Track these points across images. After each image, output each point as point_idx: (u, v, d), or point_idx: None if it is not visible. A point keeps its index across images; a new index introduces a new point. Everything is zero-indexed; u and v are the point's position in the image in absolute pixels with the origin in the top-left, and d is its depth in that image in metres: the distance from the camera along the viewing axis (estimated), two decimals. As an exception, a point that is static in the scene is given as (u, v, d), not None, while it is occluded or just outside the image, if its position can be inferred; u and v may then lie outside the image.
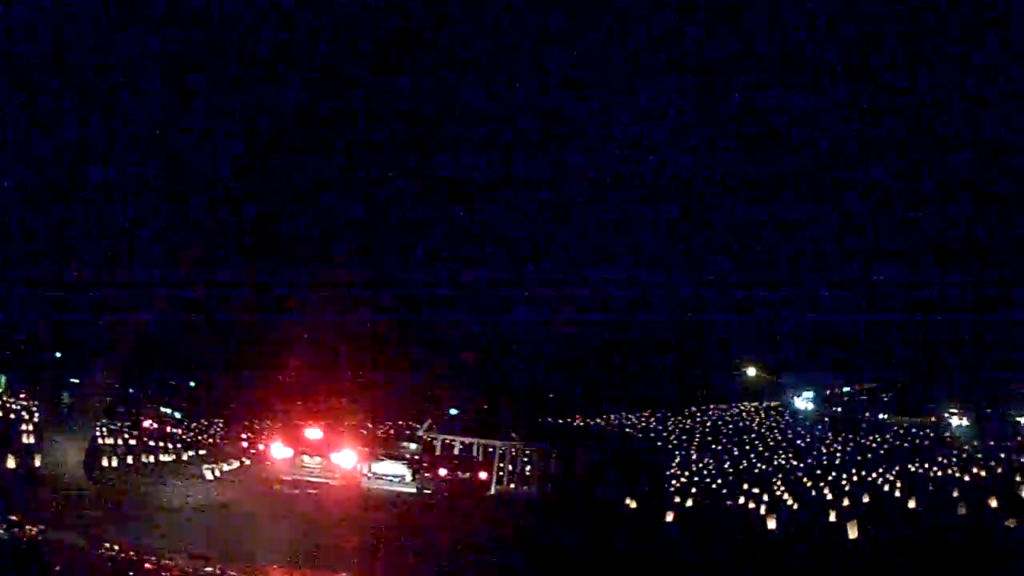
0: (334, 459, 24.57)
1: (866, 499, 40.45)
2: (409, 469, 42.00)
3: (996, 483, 43.39)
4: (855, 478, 64.48)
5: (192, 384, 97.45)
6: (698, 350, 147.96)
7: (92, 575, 4.01)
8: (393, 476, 40.54)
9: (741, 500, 47.85)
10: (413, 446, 52.87)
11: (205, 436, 76.37)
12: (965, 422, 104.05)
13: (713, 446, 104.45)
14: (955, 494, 37.70)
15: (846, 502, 39.66)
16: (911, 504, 34.87)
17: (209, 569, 4.38)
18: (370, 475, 36.98)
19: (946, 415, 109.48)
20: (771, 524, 28.16)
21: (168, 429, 70.89)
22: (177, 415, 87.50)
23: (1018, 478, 42.29)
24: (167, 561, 4.47)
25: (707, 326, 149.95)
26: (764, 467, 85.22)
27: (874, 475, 65.07)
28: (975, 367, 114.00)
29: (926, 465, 70.34)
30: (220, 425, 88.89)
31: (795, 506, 39.56)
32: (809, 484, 61.97)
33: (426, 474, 38.48)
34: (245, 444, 63.36)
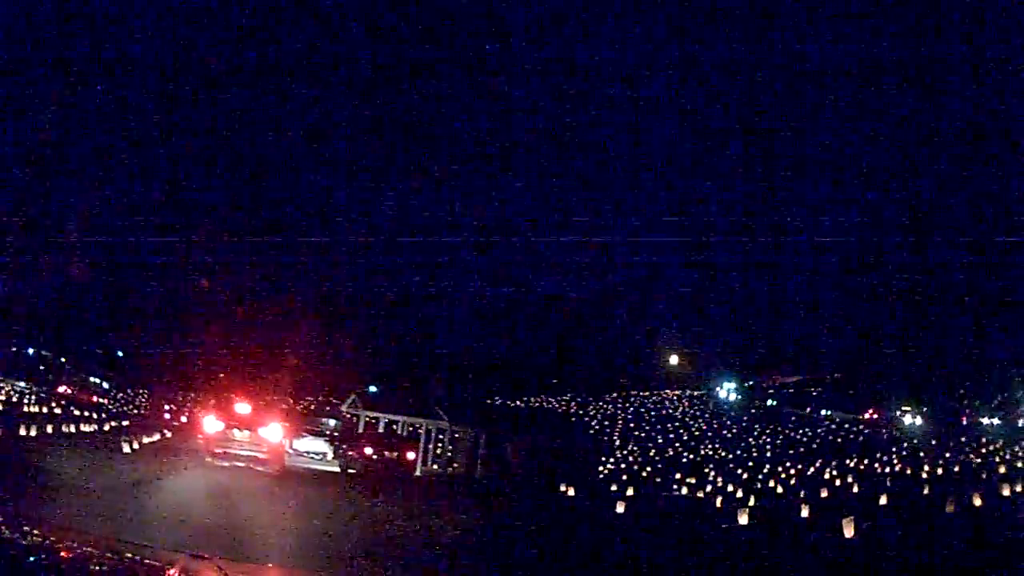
0: (262, 433, 24.45)
1: (824, 493, 37.54)
2: (331, 446, 40.54)
3: (961, 480, 40.90)
4: (792, 471, 62.04)
5: (120, 354, 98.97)
6: (620, 336, 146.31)
7: None
8: (315, 453, 39.34)
9: (684, 490, 44.79)
10: (333, 422, 51.04)
11: (130, 406, 76.57)
12: (919, 420, 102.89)
13: (636, 433, 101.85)
14: (925, 491, 34.97)
15: (802, 494, 36.67)
16: (882, 500, 31.91)
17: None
18: (292, 451, 35.17)
19: (898, 413, 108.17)
20: (742, 519, 24.85)
21: (95, 398, 73.01)
22: (105, 385, 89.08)
23: (984, 475, 39.99)
24: (89, 549, 4.22)
25: (630, 312, 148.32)
26: (692, 456, 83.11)
27: (812, 469, 62.68)
28: (927, 365, 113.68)
29: (866, 461, 68.27)
30: (145, 396, 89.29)
31: (751, 499, 36.34)
32: (746, 476, 59.39)
33: (350, 452, 36.12)
34: (168, 416, 62.86)
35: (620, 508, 27.51)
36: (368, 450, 35.78)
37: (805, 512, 26.99)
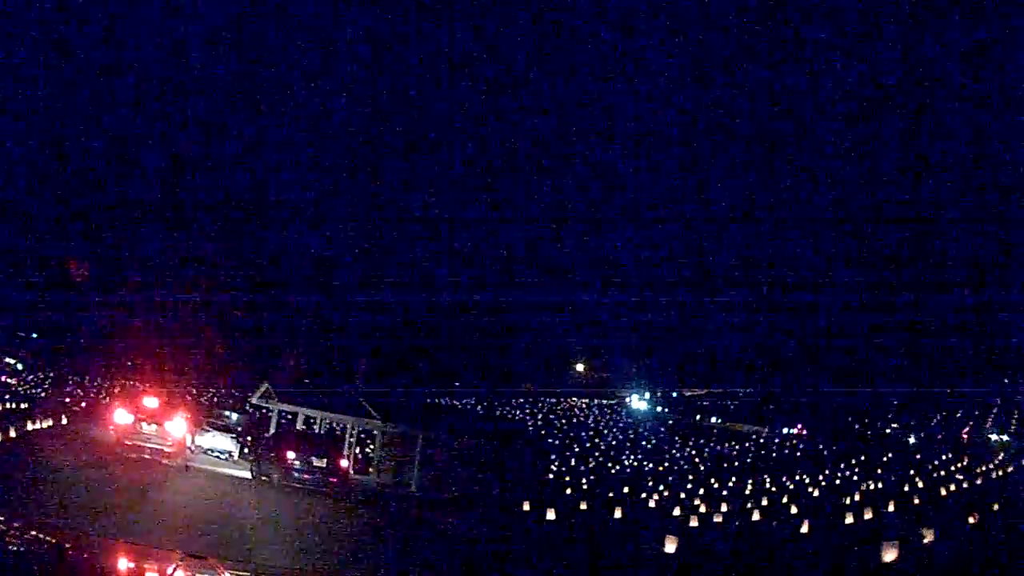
0: (167, 427, 24.71)
1: (866, 516, 30.13)
2: (237, 444, 36.47)
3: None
4: (725, 488, 55.11)
5: (35, 336, 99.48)
6: (526, 339, 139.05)
7: None
8: (220, 452, 35.07)
9: (677, 511, 36.97)
10: (235, 416, 43.15)
11: (39, 389, 75.65)
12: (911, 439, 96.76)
13: (550, 440, 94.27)
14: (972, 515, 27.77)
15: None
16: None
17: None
18: (193, 448, 32.10)
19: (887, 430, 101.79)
20: (889, 556, 17.21)
21: (3, 378, 73.62)
22: (20, 366, 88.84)
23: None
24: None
25: (534, 313, 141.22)
26: (617, 467, 76.43)
27: (772, 485, 55.87)
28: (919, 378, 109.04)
29: (820, 478, 61.90)
30: (51, 379, 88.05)
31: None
32: (702, 492, 52.17)
33: (267, 456, 28.27)
34: (68, 400, 62.41)
35: (670, 547, 19.43)
36: (290, 455, 27.17)
37: (889, 554, 19.37)
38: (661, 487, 55.82)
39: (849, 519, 29.16)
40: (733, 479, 63.19)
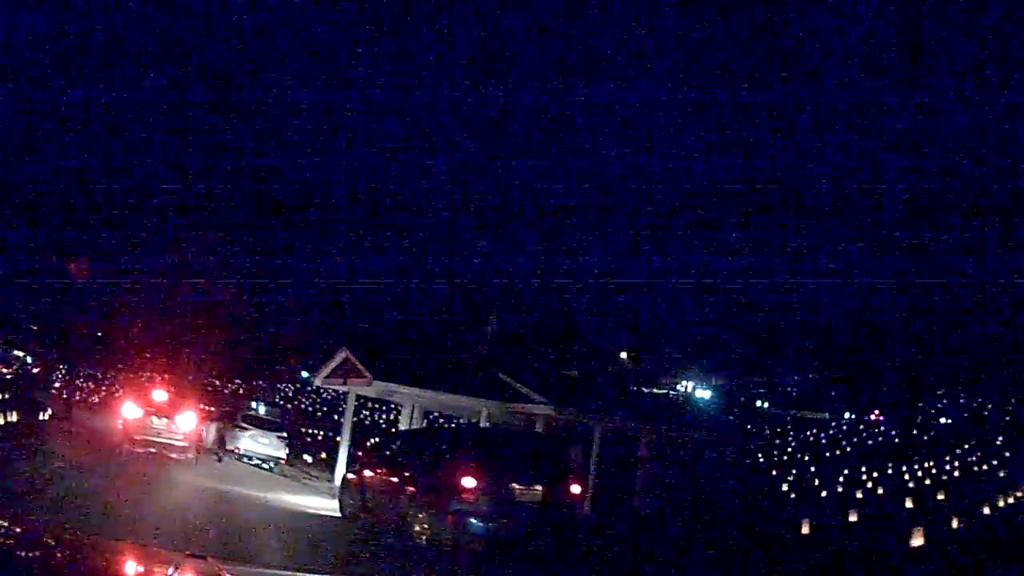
0: (178, 421, 23.79)
1: None
2: (286, 447, 30.54)
3: None
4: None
5: (36, 327, 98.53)
6: (561, 325, 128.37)
7: None
8: (263, 458, 29.52)
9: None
10: (263, 409, 36.01)
11: (28, 380, 73.42)
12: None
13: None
14: None
15: None
16: None
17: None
18: (219, 452, 28.87)
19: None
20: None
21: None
22: (29, 359, 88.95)
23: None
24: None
25: (571, 300, 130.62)
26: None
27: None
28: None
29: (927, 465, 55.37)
30: (35, 369, 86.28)
31: None
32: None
33: (385, 477, 17.06)
34: (55, 389, 61.73)
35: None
36: (469, 483, 14.64)
37: None
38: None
39: None
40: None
